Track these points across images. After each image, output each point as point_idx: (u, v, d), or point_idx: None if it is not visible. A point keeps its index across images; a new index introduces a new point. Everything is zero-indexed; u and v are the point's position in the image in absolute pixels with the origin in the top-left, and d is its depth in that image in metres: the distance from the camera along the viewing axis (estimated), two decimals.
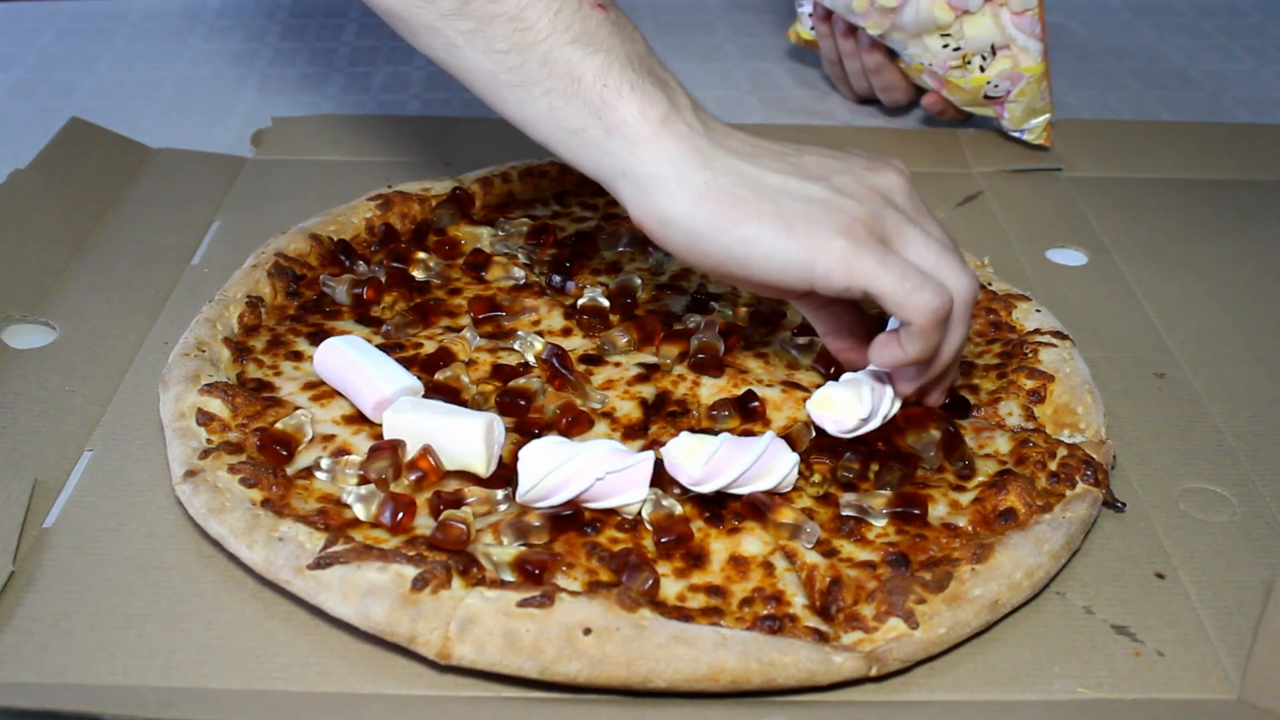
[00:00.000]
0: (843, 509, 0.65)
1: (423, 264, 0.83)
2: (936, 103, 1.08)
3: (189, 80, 1.19)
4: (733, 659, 0.55)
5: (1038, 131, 1.05)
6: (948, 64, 1.01)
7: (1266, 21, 1.42)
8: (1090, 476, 0.66)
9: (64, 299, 0.82)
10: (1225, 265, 0.93)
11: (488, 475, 0.65)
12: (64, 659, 0.57)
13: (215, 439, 0.67)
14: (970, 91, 1.03)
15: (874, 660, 0.57)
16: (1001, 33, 0.99)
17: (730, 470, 0.63)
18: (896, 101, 1.12)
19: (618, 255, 0.87)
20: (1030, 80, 1.01)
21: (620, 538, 0.63)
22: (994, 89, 1.02)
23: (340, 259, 0.83)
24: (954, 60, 1.01)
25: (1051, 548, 0.62)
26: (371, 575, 0.58)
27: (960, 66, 1.01)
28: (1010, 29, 0.99)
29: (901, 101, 1.12)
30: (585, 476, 0.62)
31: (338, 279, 0.81)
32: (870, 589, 0.59)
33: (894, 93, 1.11)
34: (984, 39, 0.99)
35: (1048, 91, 1.03)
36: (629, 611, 0.56)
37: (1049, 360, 0.76)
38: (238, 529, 0.61)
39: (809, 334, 0.78)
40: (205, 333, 0.74)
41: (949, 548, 0.63)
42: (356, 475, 0.65)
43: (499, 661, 0.55)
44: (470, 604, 0.57)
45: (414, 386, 0.70)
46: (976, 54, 1.00)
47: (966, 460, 0.68)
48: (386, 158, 1.04)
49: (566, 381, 0.73)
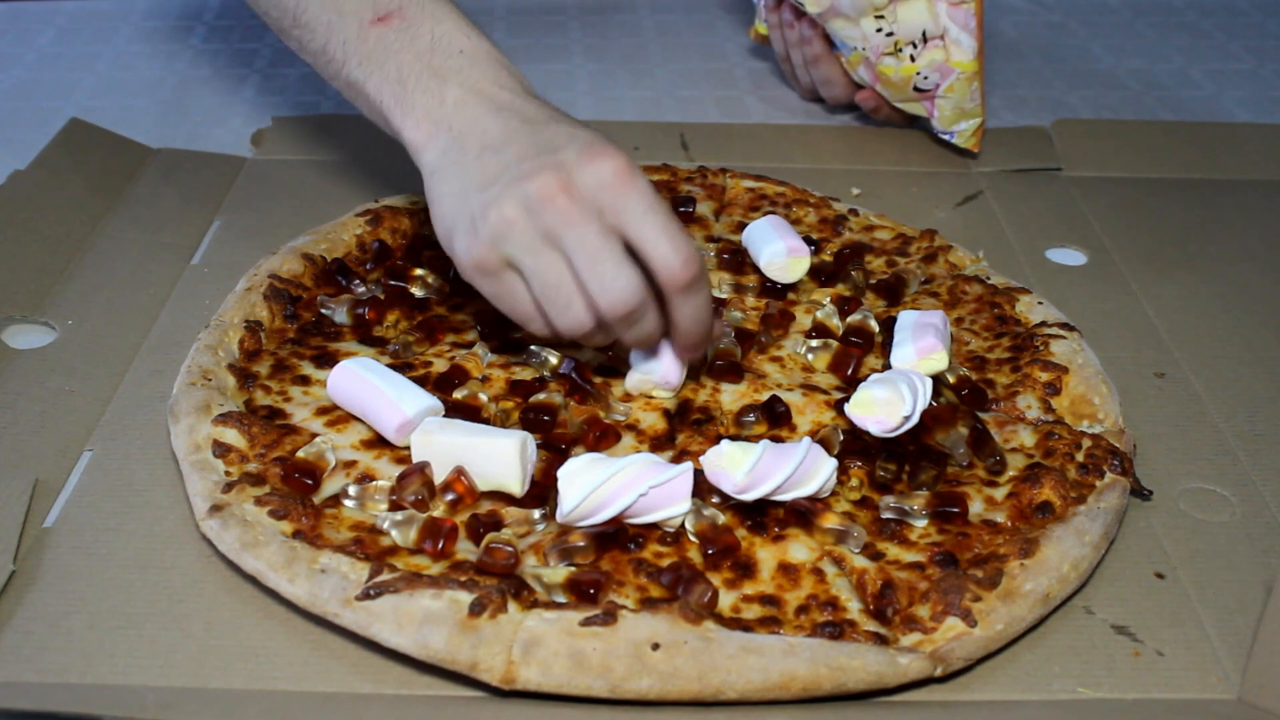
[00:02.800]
0: (883, 512, 0.65)
1: (421, 281, 0.82)
2: (870, 98, 1.08)
3: (189, 80, 1.19)
4: (802, 666, 0.55)
5: (966, 136, 1.04)
6: (880, 50, 1.01)
7: (1266, 21, 1.42)
8: (1117, 466, 0.67)
9: (64, 299, 0.82)
10: (1225, 265, 0.93)
11: (522, 495, 0.65)
12: (64, 659, 0.57)
13: (235, 471, 0.66)
14: (900, 84, 1.03)
15: (938, 660, 0.57)
16: (935, 21, 0.99)
17: (774, 477, 0.62)
18: (836, 98, 1.12)
19: None
20: (960, 77, 1.00)
21: (664, 551, 0.62)
22: (924, 80, 1.01)
23: (336, 279, 0.82)
24: (886, 46, 1.01)
25: (1092, 538, 0.63)
26: (426, 603, 0.57)
27: (892, 54, 1.01)
28: (944, 18, 0.99)
29: (841, 98, 1.12)
30: (628, 493, 0.61)
31: (336, 300, 0.80)
32: (923, 590, 0.60)
33: (833, 87, 1.11)
34: (917, 24, 0.99)
35: (979, 94, 1.02)
36: (693, 624, 0.56)
37: (1060, 352, 0.76)
38: (276, 563, 0.59)
39: (822, 336, 0.78)
40: (208, 360, 0.72)
41: (993, 544, 0.63)
42: (386, 501, 0.64)
43: (567, 682, 0.55)
44: (531, 626, 0.56)
45: (435, 407, 0.68)
46: (909, 42, 1.00)
47: (997, 455, 0.68)
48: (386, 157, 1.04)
49: (587, 395, 0.72)
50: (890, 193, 1.01)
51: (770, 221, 0.85)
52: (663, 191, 0.94)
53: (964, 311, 0.82)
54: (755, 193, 0.96)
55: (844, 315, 0.80)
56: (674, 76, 1.24)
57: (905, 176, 1.04)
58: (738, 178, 0.97)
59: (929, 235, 0.90)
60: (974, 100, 1.02)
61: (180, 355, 0.74)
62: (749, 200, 0.95)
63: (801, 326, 0.80)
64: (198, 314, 0.80)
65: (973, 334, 0.80)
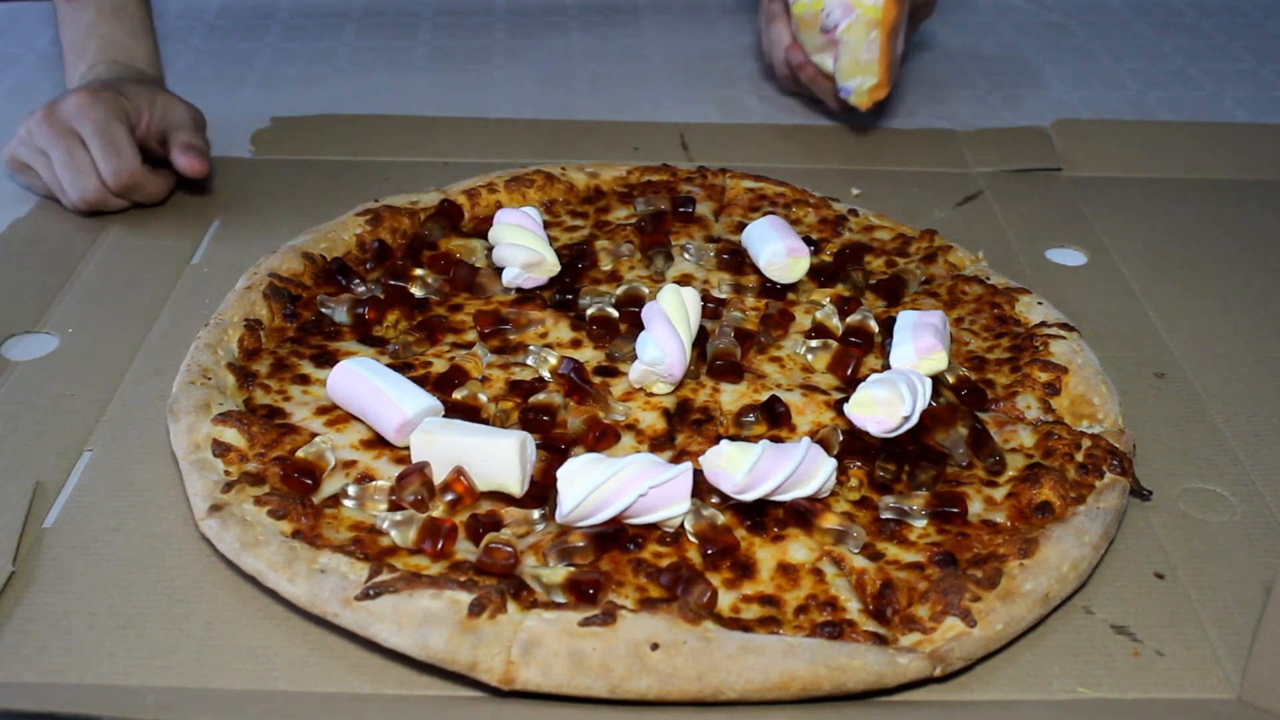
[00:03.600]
0: (882, 512, 0.65)
1: (421, 281, 0.82)
2: (796, 51, 1.08)
3: (189, 80, 1.19)
4: (802, 666, 0.55)
5: (861, 93, 1.04)
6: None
7: (1267, 21, 1.42)
8: (1117, 466, 0.67)
9: (64, 306, 0.82)
10: (1225, 265, 0.93)
11: (521, 495, 0.65)
12: (64, 659, 0.57)
13: (234, 470, 0.66)
14: (809, 22, 1.03)
15: (938, 660, 0.57)
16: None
17: (774, 477, 0.62)
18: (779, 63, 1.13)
19: (617, 264, 0.86)
20: (860, 18, 1.00)
21: (663, 551, 0.62)
22: (827, 19, 1.02)
23: (336, 278, 0.82)
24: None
25: (1091, 538, 0.63)
26: (425, 603, 0.57)
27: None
28: None
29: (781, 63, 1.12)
30: (628, 493, 0.61)
31: (336, 299, 0.80)
32: (922, 590, 0.60)
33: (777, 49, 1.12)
34: None
35: (878, 49, 1.02)
36: (693, 625, 0.56)
37: (1060, 352, 0.76)
38: (275, 563, 0.59)
39: (822, 336, 0.78)
40: (208, 359, 0.72)
41: (992, 544, 0.63)
42: (386, 501, 0.64)
43: (566, 683, 0.55)
44: (530, 626, 0.56)
45: (435, 407, 0.68)
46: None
47: (996, 456, 0.68)
48: (386, 157, 1.04)
49: (586, 395, 0.72)
50: (890, 193, 1.01)
51: (770, 222, 0.85)
52: (662, 192, 0.94)
53: (964, 311, 0.82)
54: (755, 193, 0.96)
55: (844, 315, 0.80)
56: (674, 76, 1.24)
57: (905, 176, 1.04)
58: (737, 178, 0.97)
59: (929, 235, 0.90)
60: (871, 53, 1.02)
61: (180, 354, 0.74)
62: (749, 200, 0.95)
63: (801, 327, 0.80)
64: (198, 313, 0.80)
65: (972, 334, 0.80)
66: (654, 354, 0.72)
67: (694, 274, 0.85)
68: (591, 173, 0.96)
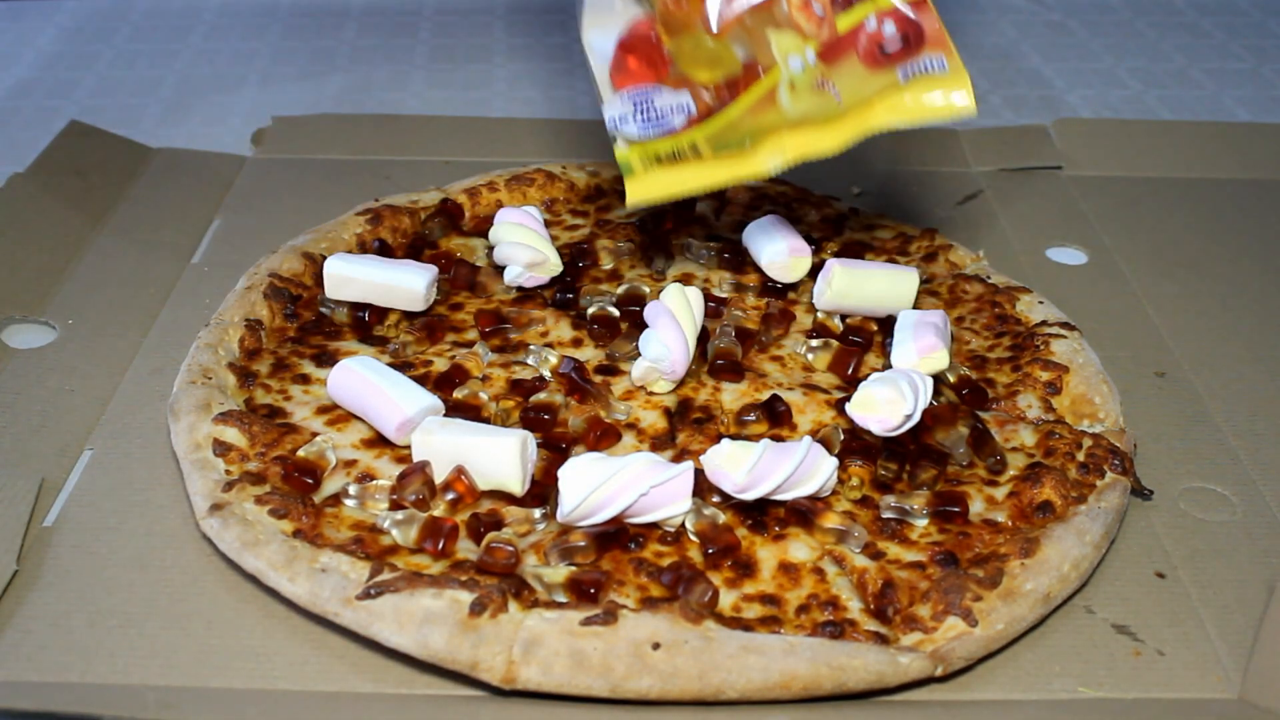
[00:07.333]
0: (883, 511, 0.65)
1: None
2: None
3: (189, 80, 1.19)
4: (803, 666, 0.55)
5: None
6: None
7: (1267, 21, 1.42)
8: (1118, 465, 0.67)
9: (64, 299, 0.82)
10: (1225, 265, 0.93)
11: (522, 494, 0.65)
12: (64, 658, 0.57)
13: (235, 470, 0.66)
14: None
15: (939, 660, 0.57)
16: None
17: (775, 477, 0.62)
18: None
19: (617, 263, 0.86)
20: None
21: (665, 551, 0.62)
22: None
23: None
24: None
25: (1093, 538, 0.63)
26: (426, 603, 0.57)
27: None
28: None
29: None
30: (629, 492, 0.61)
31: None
32: (924, 589, 0.60)
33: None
34: None
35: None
36: (694, 624, 0.56)
37: (1061, 351, 0.76)
38: (276, 562, 0.59)
39: (822, 336, 0.78)
40: (208, 358, 0.72)
41: (994, 544, 0.63)
42: (387, 500, 0.64)
43: (567, 682, 0.55)
44: (531, 626, 0.56)
45: (435, 406, 0.68)
46: None
47: (997, 455, 0.68)
48: (386, 157, 1.04)
49: (587, 394, 0.72)
50: (890, 193, 1.01)
51: (771, 221, 0.85)
52: None
53: (964, 311, 0.82)
54: (755, 192, 0.96)
55: (844, 315, 0.80)
56: None
57: (905, 176, 1.04)
58: None
59: (929, 234, 0.90)
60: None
61: (180, 354, 0.74)
62: (749, 199, 0.95)
63: (802, 326, 0.80)
64: (198, 313, 0.80)
65: (973, 333, 0.80)
66: (658, 351, 0.72)
67: (695, 273, 0.85)
68: (592, 171, 0.96)
